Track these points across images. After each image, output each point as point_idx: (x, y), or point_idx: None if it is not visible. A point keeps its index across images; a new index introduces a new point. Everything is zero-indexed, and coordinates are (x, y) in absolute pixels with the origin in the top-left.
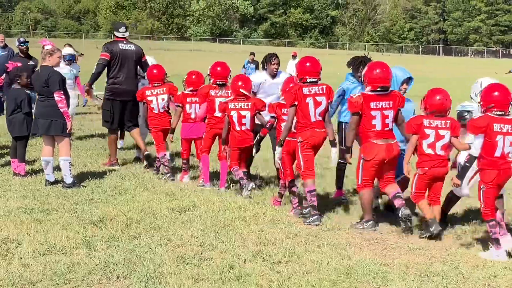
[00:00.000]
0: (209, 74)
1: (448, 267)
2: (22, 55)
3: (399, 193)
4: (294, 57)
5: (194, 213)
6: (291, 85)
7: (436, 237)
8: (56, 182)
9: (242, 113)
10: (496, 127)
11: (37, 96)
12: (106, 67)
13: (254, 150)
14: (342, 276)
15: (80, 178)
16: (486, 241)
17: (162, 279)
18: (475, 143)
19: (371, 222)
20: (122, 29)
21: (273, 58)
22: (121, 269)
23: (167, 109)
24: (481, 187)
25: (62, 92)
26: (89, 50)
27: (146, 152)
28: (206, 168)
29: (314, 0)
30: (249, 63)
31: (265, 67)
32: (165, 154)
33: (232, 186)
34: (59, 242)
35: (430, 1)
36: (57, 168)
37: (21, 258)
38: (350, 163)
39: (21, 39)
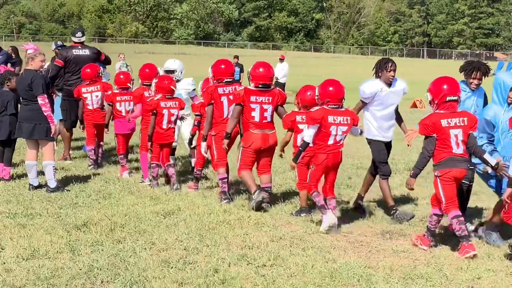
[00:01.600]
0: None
1: (432, 270)
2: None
3: (268, 187)
4: (281, 60)
5: (179, 217)
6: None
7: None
8: (40, 186)
9: (172, 111)
10: (330, 119)
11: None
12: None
13: (188, 148)
14: (327, 279)
15: (64, 182)
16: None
17: (147, 283)
18: (308, 131)
19: (258, 191)
20: (79, 34)
21: (389, 64)
22: (105, 274)
23: (101, 106)
24: (311, 166)
25: (45, 95)
26: None
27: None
28: (145, 165)
29: (298, 4)
30: (234, 66)
31: (379, 75)
32: (93, 148)
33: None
34: (42, 247)
35: (414, 4)
36: (41, 172)
37: (4, 263)
38: (226, 148)
39: (58, 43)
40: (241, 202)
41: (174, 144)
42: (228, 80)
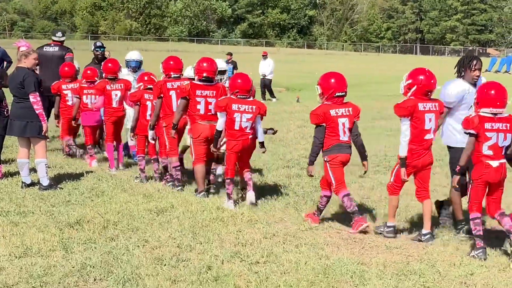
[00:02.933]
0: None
1: (425, 266)
2: (97, 61)
3: (214, 169)
4: (264, 56)
5: (172, 214)
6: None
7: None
8: (32, 184)
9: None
10: (235, 107)
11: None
12: None
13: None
14: (320, 275)
15: (57, 180)
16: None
17: (140, 280)
18: (221, 120)
19: (203, 193)
20: (59, 34)
21: (475, 62)
22: (98, 271)
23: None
24: (225, 153)
25: (37, 93)
26: None
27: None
28: (111, 155)
29: (291, 0)
30: (227, 63)
31: (461, 74)
32: (70, 139)
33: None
34: (35, 245)
35: (407, 1)
36: (33, 170)
37: None
38: (173, 136)
39: (98, 43)
40: (234, 199)
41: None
42: (176, 75)
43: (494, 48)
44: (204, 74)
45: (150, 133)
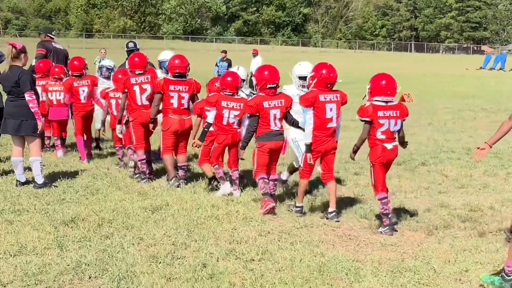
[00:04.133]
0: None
1: (420, 263)
2: None
3: (185, 166)
4: (255, 54)
5: (167, 212)
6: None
7: None
8: (27, 182)
9: (119, 101)
10: (224, 103)
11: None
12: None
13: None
14: (315, 273)
15: (52, 178)
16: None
17: (135, 278)
18: (211, 113)
19: (173, 179)
20: (54, 32)
21: None
22: (93, 269)
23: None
24: (214, 144)
25: (33, 92)
26: None
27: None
28: (81, 147)
29: None
30: (222, 61)
31: None
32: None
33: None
34: (30, 243)
35: None
36: (28, 168)
37: None
38: (152, 130)
39: (130, 45)
40: (229, 197)
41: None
42: (140, 71)
43: (489, 46)
44: (177, 71)
45: (118, 128)
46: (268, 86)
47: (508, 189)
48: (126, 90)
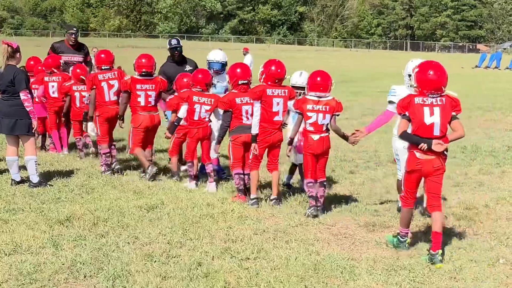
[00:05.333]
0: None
1: (415, 261)
2: (172, 60)
3: (150, 160)
4: (245, 53)
5: (162, 211)
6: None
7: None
8: (22, 181)
9: (83, 93)
10: (195, 98)
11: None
12: None
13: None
14: (310, 271)
15: (47, 177)
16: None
17: (130, 277)
18: (183, 108)
19: (150, 167)
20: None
21: None
22: (88, 268)
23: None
24: (187, 140)
25: (28, 91)
26: None
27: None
28: (56, 141)
29: None
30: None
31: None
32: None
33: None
34: (25, 242)
35: None
36: (23, 167)
37: None
38: (121, 127)
39: (173, 41)
40: (224, 195)
41: None
42: (106, 67)
43: (484, 44)
44: (144, 70)
45: (89, 125)
46: (240, 82)
47: (503, 187)
48: (94, 87)
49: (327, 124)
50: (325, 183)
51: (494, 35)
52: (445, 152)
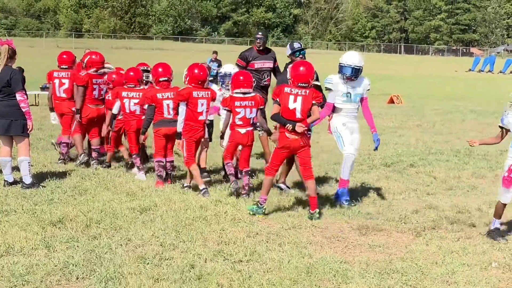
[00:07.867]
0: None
1: (408, 264)
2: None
3: (97, 148)
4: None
5: (155, 213)
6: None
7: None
8: (15, 182)
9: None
10: (124, 94)
11: None
12: None
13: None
14: (303, 274)
15: (40, 178)
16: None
17: (122, 279)
18: (116, 104)
19: (83, 155)
20: None
21: None
22: (81, 270)
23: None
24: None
25: (24, 92)
26: (49, 49)
27: None
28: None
29: None
30: (212, 62)
31: None
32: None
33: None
34: (17, 243)
35: (392, 0)
36: (16, 168)
37: None
38: (79, 120)
39: (296, 45)
40: (217, 198)
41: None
42: (64, 66)
43: (478, 48)
44: (94, 68)
45: (52, 115)
46: (161, 79)
47: (496, 191)
48: (51, 82)
49: (253, 117)
50: (249, 172)
51: (488, 39)
52: (308, 132)
